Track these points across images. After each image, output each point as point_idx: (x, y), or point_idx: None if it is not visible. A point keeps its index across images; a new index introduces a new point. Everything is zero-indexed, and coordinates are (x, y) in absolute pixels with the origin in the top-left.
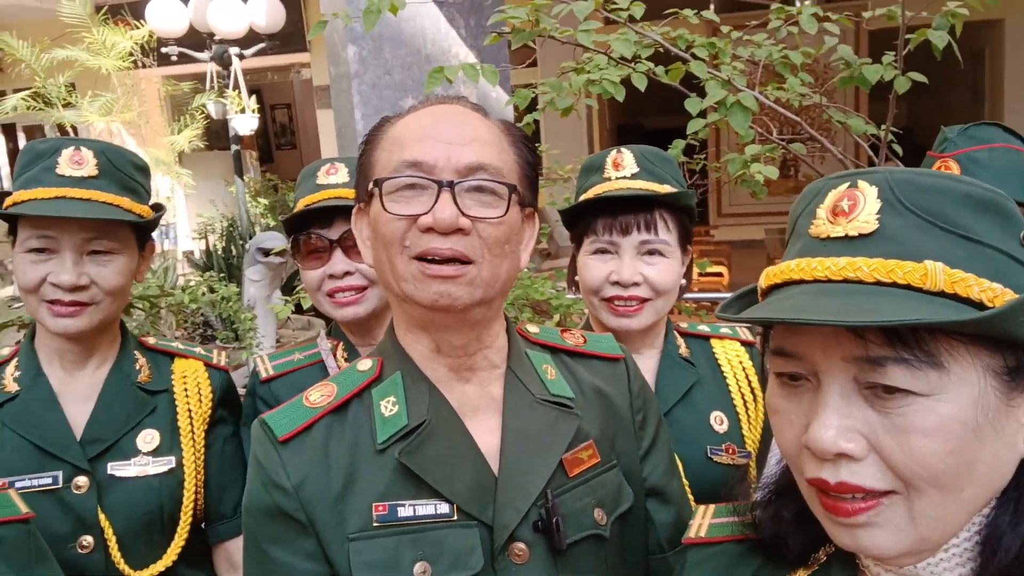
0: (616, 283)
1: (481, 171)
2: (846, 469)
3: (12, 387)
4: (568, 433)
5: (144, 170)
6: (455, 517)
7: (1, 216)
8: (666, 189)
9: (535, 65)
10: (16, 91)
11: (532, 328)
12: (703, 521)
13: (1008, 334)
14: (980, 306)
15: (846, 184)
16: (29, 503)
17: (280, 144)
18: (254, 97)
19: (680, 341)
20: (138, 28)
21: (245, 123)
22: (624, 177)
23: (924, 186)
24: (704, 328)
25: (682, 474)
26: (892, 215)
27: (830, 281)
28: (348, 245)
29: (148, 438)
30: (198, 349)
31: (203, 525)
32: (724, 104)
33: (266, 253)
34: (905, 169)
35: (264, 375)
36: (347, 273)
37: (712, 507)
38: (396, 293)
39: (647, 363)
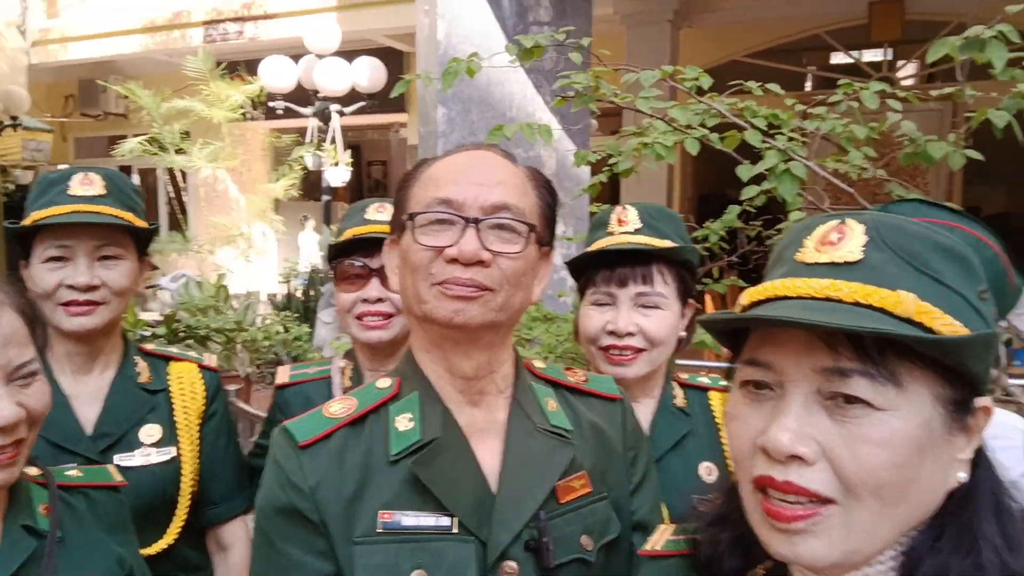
0: (612, 332)
1: (504, 210)
2: (795, 471)
3: None
4: (563, 462)
5: (140, 194)
6: (455, 531)
7: (18, 235)
8: (666, 244)
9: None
10: (136, 136)
11: (538, 363)
12: (661, 537)
13: (961, 365)
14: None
15: (836, 221)
16: None
17: (370, 196)
18: (350, 152)
19: (678, 391)
20: (250, 83)
21: (338, 175)
22: (627, 232)
23: (904, 230)
24: (704, 380)
25: (667, 520)
26: (875, 250)
27: (812, 299)
28: (385, 275)
29: (150, 432)
30: (191, 353)
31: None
32: (774, 171)
33: None
34: (892, 215)
35: (279, 381)
36: (379, 300)
37: (673, 526)
38: (416, 314)
39: (643, 411)
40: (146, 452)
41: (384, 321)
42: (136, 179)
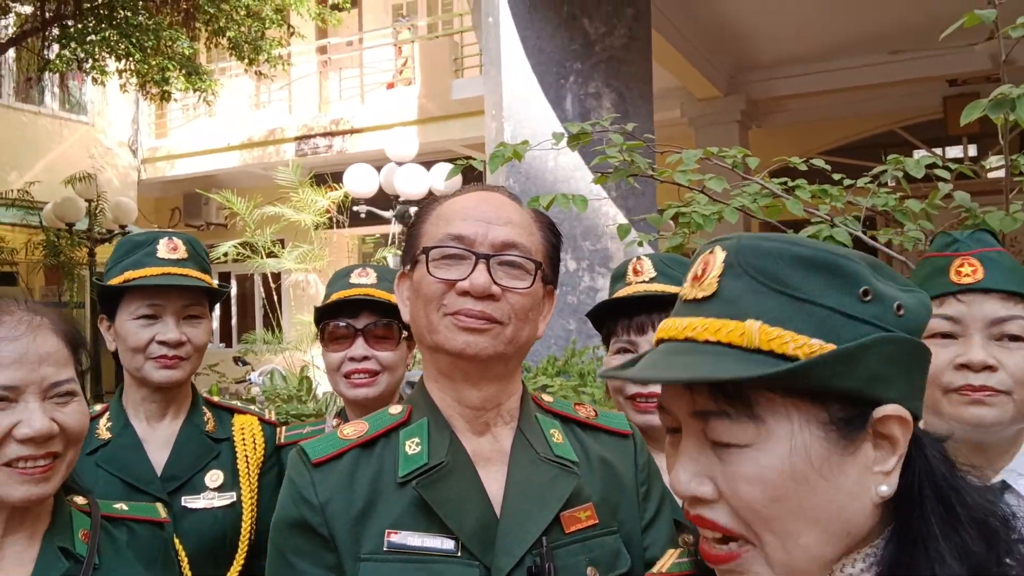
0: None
1: (513, 248)
2: (704, 508)
3: (105, 435)
4: (566, 491)
5: (208, 256)
6: (458, 554)
7: (107, 294)
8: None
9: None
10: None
11: (547, 397)
12: (667, 560)
13: (824, 387)
14: (796, 361)
15: (708, 250)
16: None
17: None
18: None
19: None
20: (336, 190)
21: None
22: (643, 282)
23: (763, 250)
24: None
25: None
26: (731, 278)
27: (675, 340)
28: (370, 335)
29: (214, 477)
30: (253, 407)
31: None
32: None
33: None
34: (756, 235)
35: (277, 442)
36: (365, 358)
37: (680, 549)
38: (428, 344)
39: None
40: (210, 496)
41: (370, 379)
42: (234, 286)
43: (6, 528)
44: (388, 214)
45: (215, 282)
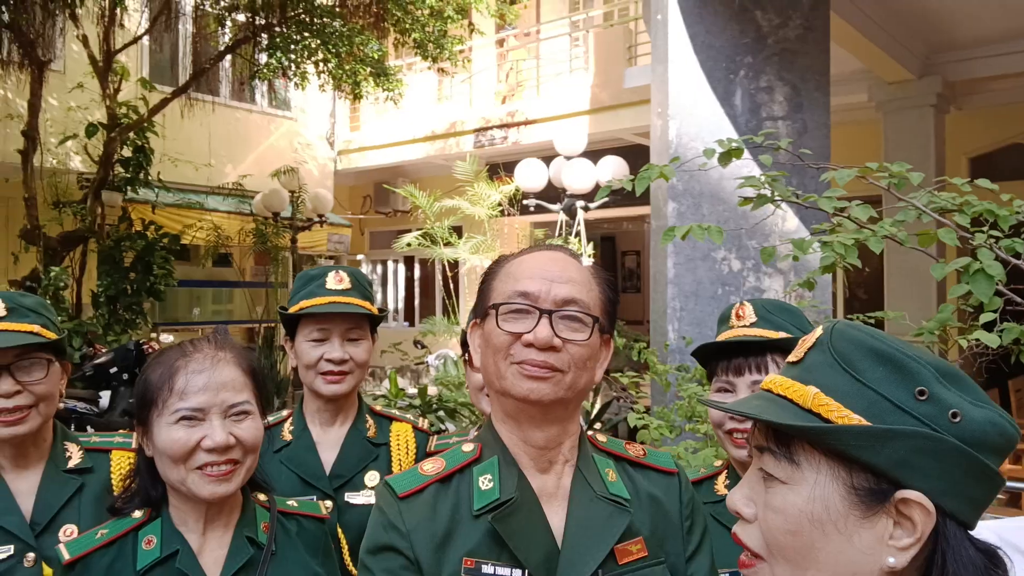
0: (733, 418)
1: (573, 304)
2: (740, 527)
3: (288, 437)
4: (620, 526)
5: (372, 285)
6: None
7: (284, 319)
8: (781, 335)
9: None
10: (414, 230)
11: (601, 437)
12: None
13: (850, 454)
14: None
15: (820, 327)
16: None
17: (626, 288)
18: (593, 244)
19: None
20: (508, 184)
21: None
22: (744, 326)
23: (849, 336)
24: None
25: None
26: (817, 352)
27: (763, 391)
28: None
29: (372, 477)
30: (409, 416)
31: None
32: (968, 270)
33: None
34: (854, 323)
35: (428, 449)
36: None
37: None
38: (496, 388)
39: None
40: (368, 494)
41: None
42: (417, 268)
43: (207, 520)
44: (555, 207)
45: (375, 308)
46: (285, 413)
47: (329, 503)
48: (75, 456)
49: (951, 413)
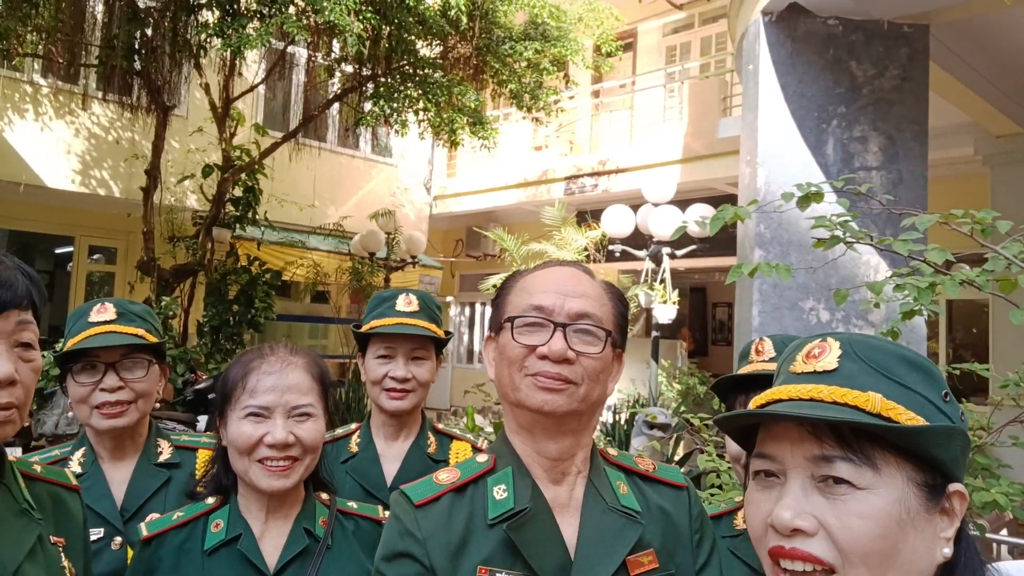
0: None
1: (586, 318)
2: (800, 542)
3: (354, 448)
4: (632, 538)
5: (440, 308)
6: None
7: (360, 338)
8: None
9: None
10: (502, 274)
11: (612, 451)
12: None
13: (925, 452)
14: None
15: (819, 339)
16: None
17: (716, 340)
18: (687, 293)
19: None
20: (595, 230)
21: (664, 312)
22: (763, 361)
23: (873, 345)
24: None
25: None
26: (848, 361)
27: (800, 400)
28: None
29: None
30: (469, 436)
31: None
32: None
33: (651, 427)
34: (863, 334)
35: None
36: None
37: None
38: (511, 400)
39: None
40: None
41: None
42: (489, 311)
43: (269, 509)
44: (641, 254)
45: (441, 331)
46: (353, 426)
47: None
48: (165, 452)
49: (960, 412)
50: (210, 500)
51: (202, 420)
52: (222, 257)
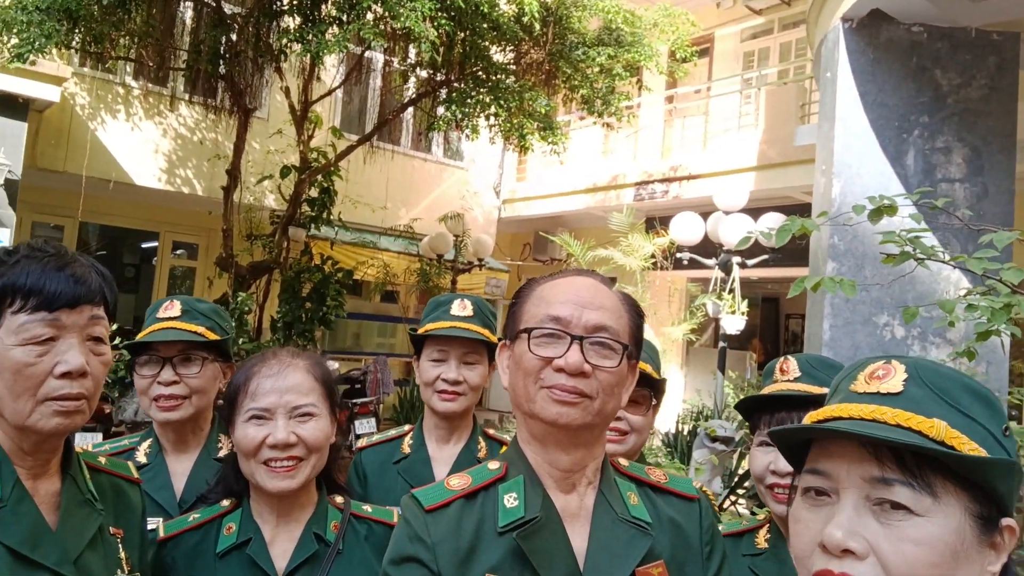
0: (774, 472)
1: (603, 331)
2: (849, 564)
3: (407, 450)
4: (642, 549)
5: (495, 316)
6: None
7: (415, 340)
8: (825, 391)
9: None
10: None
11: (623, 461)
12: None
13: (986, 483)
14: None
15: (883, 360)
16: None
17: (788, 351)
18: (759, 303)
19: None
20: (663, 237)
21: (732, 323)
22: (788, 380)
23: (940, 372)
24: None
25: None
26: (914, 386)
27: (862, 419)
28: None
29: None
30: None
31: None
32: None
33: (713, 440)
34: (930, 360)
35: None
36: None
37: None
38: (525, 411)
39: None
40: None
41: (621, 437)
42: None
43: (279, 513)
44: (711, 262)
45: (495, 336)
46: (407, 428)
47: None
48: (225, 446)
49: (1018, 447)
50: (225, 503)
51: None
52: (297, 255)
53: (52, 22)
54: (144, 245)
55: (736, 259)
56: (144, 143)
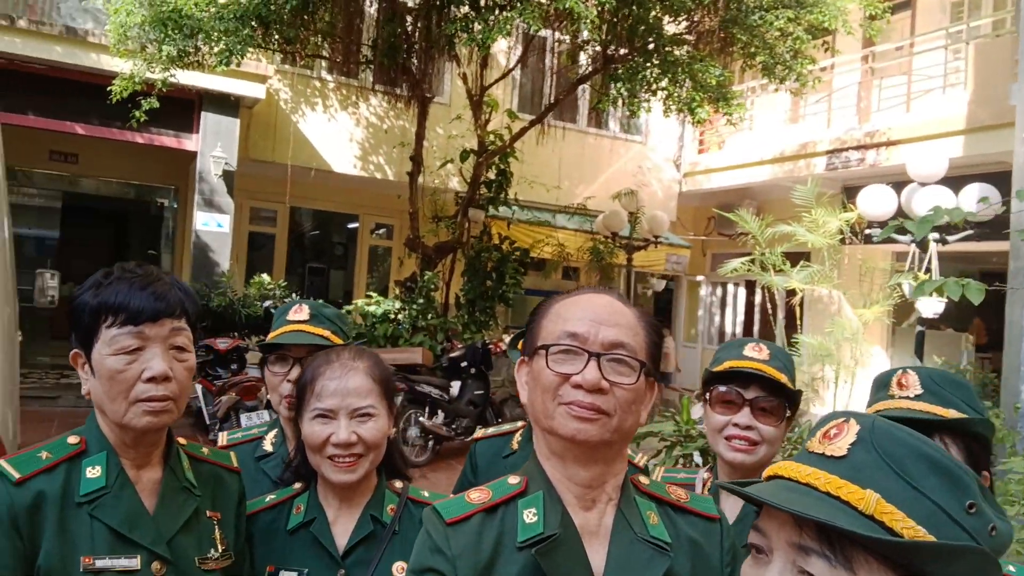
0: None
1: (621, 348)
2: None
3: (515, 447)
4: (660, 569)
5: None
6: None
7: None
8: (951, 414)
9: None
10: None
11: (644, 479)
12: None
13: (914, 568)
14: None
15: (842, 419)
16: None
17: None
18: (979, 279)
19: None
20: (850, 211)
21: (929, 306)
22: (907, 397)
23: (895, 437)
24: None
25: None
26: (862, 450)
27: (797, 482)
28: (754, 405)
29: None
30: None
31: None
32: None
33: None
34: (891, 422)
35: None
36: (748, 427)
37: None
38: (543, 427)
39: None
40: None
41: (751, 447)
42: (759, 293)
43: (341, 498)
44: (905, 239)
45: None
46: (519, 424)
47: None
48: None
49: (991, 527)
50: (297, 485)
51: (455, 386)
52: (477, 235)
53: (247, 28)
54: (349, 226)
55: (934, 235)
56: (340, 132)
